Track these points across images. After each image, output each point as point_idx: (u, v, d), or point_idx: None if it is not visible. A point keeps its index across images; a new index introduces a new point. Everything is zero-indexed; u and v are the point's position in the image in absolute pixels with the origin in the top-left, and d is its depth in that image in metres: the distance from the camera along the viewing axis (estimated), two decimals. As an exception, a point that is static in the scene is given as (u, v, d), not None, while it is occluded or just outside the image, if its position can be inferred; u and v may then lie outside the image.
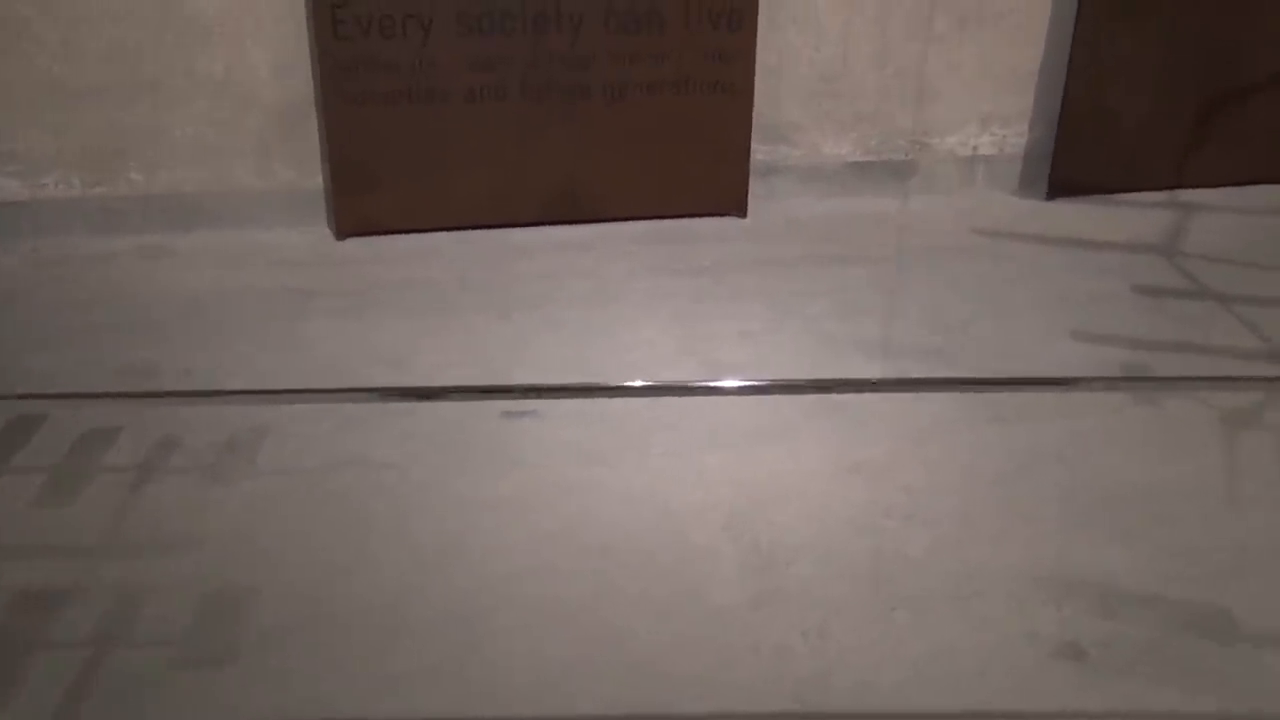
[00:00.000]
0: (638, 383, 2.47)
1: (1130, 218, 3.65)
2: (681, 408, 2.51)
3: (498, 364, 2.67)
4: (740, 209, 3.59)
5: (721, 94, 3.42)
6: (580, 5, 3.23)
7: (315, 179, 3.39)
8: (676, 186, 3.51)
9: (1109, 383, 2.34)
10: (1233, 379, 2.36)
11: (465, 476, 2.24)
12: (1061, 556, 2.02)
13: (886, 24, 3.57)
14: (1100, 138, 3.74)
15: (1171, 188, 3.85)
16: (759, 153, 3.67)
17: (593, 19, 3.26)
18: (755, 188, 3.70)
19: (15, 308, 2.96)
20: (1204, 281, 3.18)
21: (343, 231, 3.37)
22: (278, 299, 3.00)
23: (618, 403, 2.51)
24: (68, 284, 3.09)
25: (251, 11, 3.18)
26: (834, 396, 2.53)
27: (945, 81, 3.69)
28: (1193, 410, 2.49)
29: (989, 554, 2.03)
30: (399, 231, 3.39)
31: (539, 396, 2.30)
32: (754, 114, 3.59)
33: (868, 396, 2.53)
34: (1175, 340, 2.83)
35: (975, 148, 3.82)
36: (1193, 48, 3.67)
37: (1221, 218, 3.66)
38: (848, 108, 3.67)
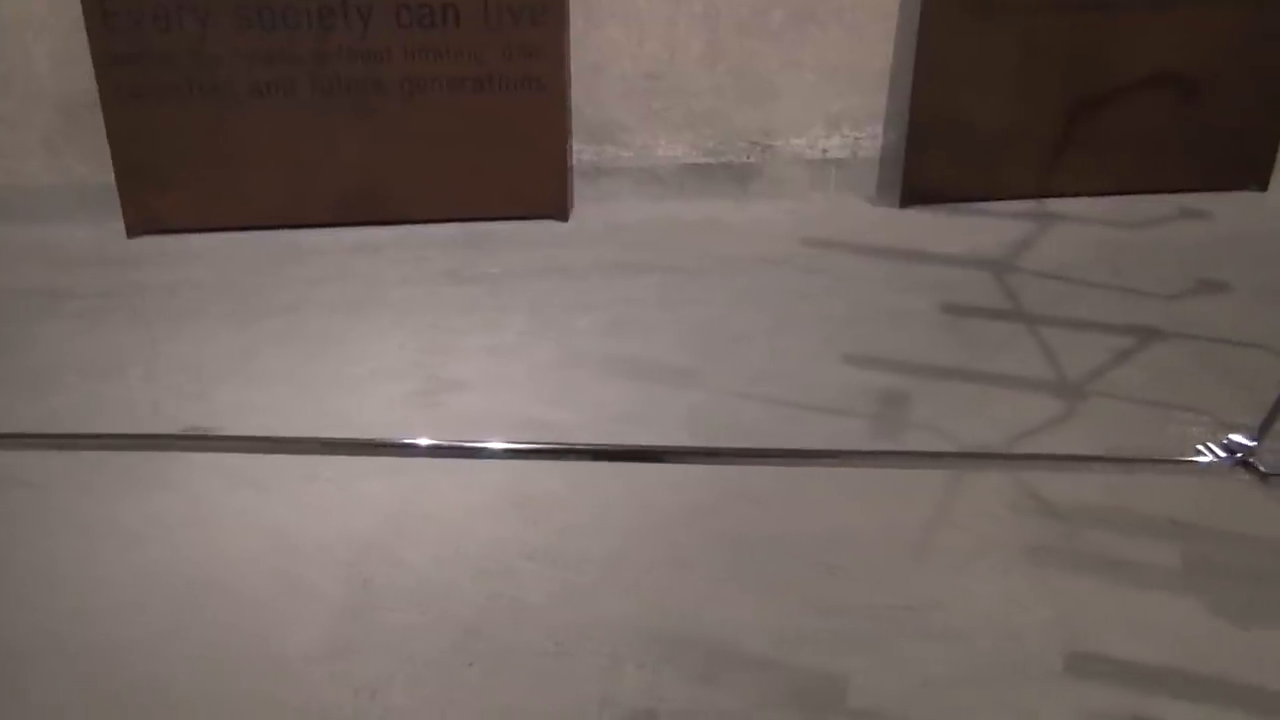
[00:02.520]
0: (305, 436, 2.26)
1: (981, 229, 3.40)
2: (381, 429, 2.35)
3: (198, 382, 2.52)
4: (560, 212, 3.40)
5: (530, 91, 3.24)
6: (368, -2, 3.08)
7: (108, 174, 3.28)
8: (489, 188, 3.34)
9: (792, 457, 2.07)
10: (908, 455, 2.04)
11: (106, 502, 2.10)
12: (690, 611, 1.83)
13: (716, 19, 3.36)
14: (956, 143, 3.49)
15: (1036, 197, 3.59)
16: (585, 153, 3.49)
17: (382, 12, 3.10)
18: (584, 190, 3.52)
19: None
20: (1024, 301, 2.93)
21: (132, 230, 3.26)
22: (30, 299, 2.89)
23: (301, 421, 2.35)
24: None
25: (26, 5, 3.08)
26: (540, 416, 2.35)
27: (785, 80, 3.47)
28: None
29: (612, 605, 1.84)
30: (191, 230, 3.27)
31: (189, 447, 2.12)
32: (574, 113, 3.41)
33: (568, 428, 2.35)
34: (953, 366, 2.60)
35: (824, 150, 3.59)
36: (1054, 52, 3.40)
37: (1078, 230, 3.39)
38: (679, 107, 3.47)
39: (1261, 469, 1.19)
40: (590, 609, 1.83)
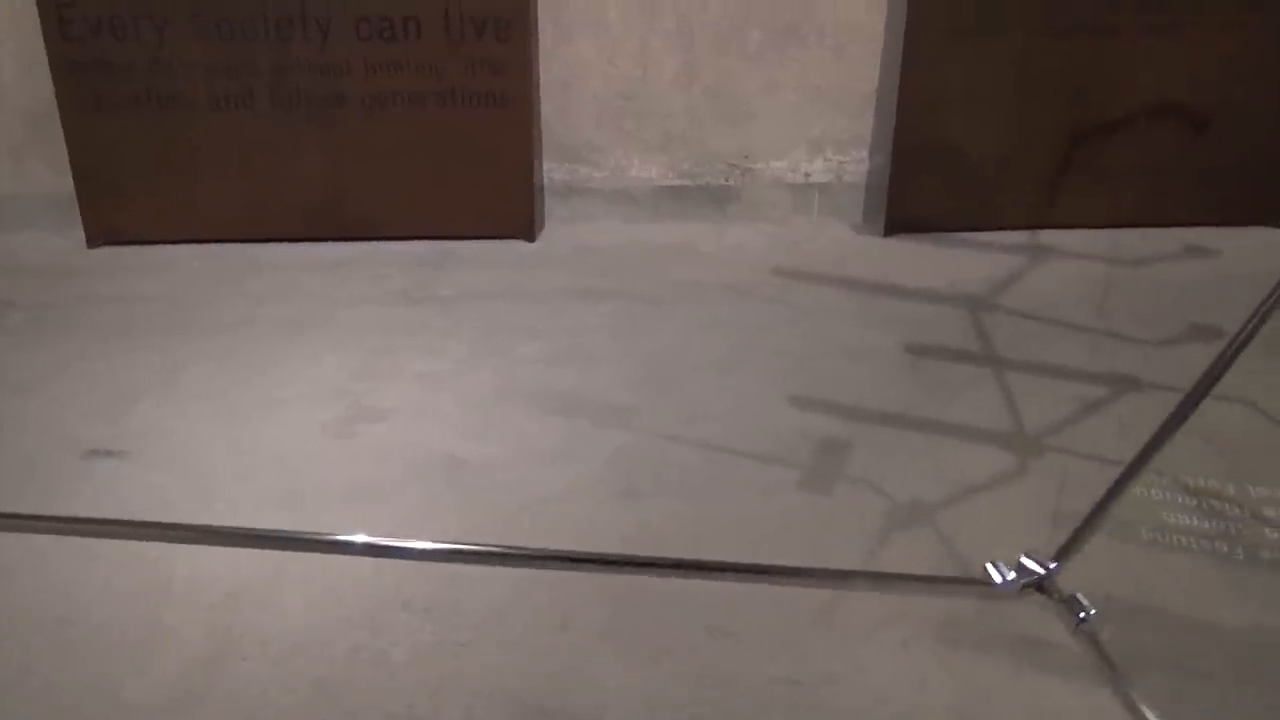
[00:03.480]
0: (230, 528, 2.14)
1: (967, 261, 3.24)
2: (289, 459, 2.26)
3: (119, 402, 2.45)
4: (526, 232, 3.31)
5: (494, 107, 3.15)
6: (327, 10, 3.01)
7: (70, 183, 3.26)
8: (454, 206, 3.26)
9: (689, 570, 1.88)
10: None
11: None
12: (561, 673, 1.70)
13: (691, 38, 3.24)
14: (944, 171, 3.33)
15: (1030, 228, 3.41)
16: (556, 172, 3.39)
17: (341, 25, 3.03)
18: (557, 209, 3.43)
19: None
20: (996, 342, 2.76)
21: (92, 240, 3.22)
22: (-22, 309, 2.87)
23: (210, 448, 2.28)
24: None
25: (-12, 9, 3.07)
26: (456, 452, 2.25)
27: (763, 102, 3.34)
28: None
29: (480, 663, 1.72)
30: (151, 242, 3.23)
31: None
32: (545, 131, 3.31)
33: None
34: (904, 412, 2.44)
35: (807, 175, 3.45)
36: (1052, 77, 3.24)
37: (1070, 265, 3.21)
38: (654, 127, 3.35)
39: (1060, 593, 1.03)
40: (453, 669, 1.72)
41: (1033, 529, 2.02)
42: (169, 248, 3.22)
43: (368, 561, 1.95)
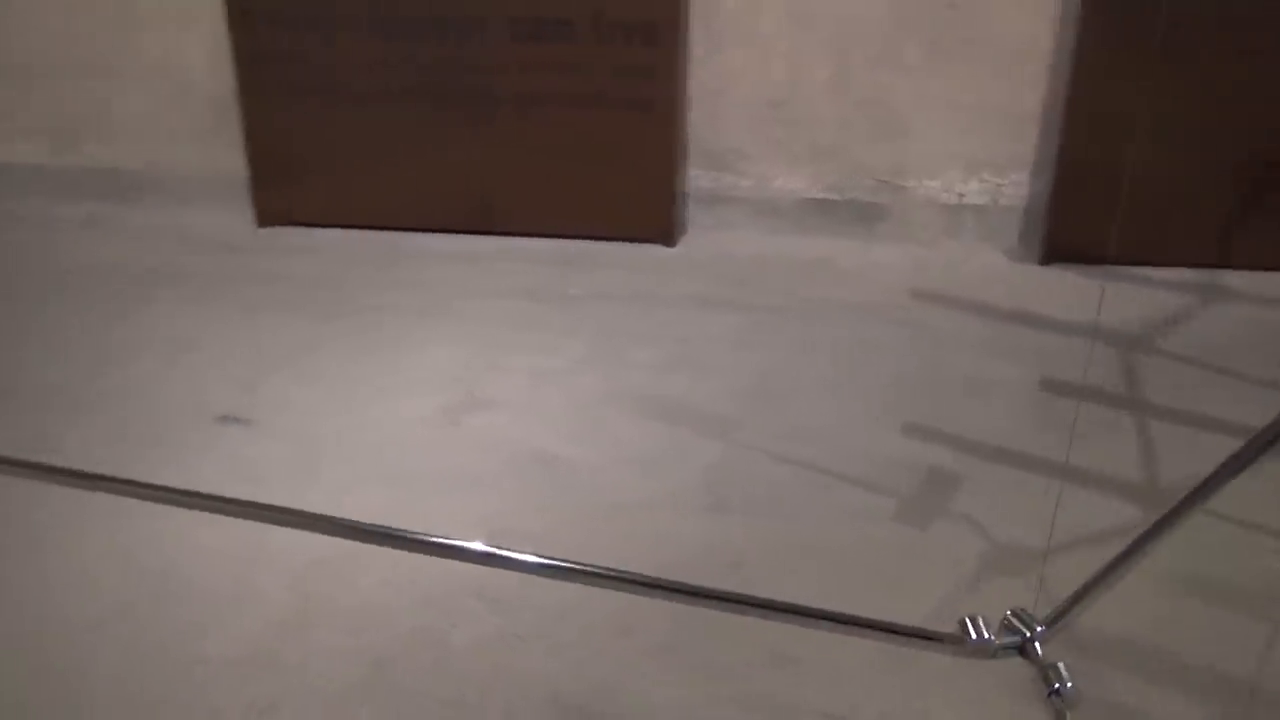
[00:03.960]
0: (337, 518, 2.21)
1: (1128, 297, 3.02)
2: (395, 441, 2.34)
3: (253, 372, 2.59)
4: (665, 237, 3.31)
5: (639, 112, 3.16)
6: (483, 10, 3.10)
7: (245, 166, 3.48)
8: (596, 207, 3.29)
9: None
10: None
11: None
12: (609, 683, 1.69)
13: (845, 48, 3.16)
14: (1112, 198, 3.11)
15: (1208, 266, 3.16)
16: (702, 179, 3.38)
17: (496, 25, 3.12)
18: (700, 217, 3.41)
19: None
20: (1145, 385, 2.57)
21: (262, 220, 3.43)
22: (153, 276, 3.10)
23: (323, 424, 2.38)
24: (6, 243, 3.35)
25: (183, 4, 3.30)
26: (551, 450, 2.27)
27: (919, 117, 3.22)
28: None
29: (533, 662, 1.73)
30: (314, 225, 3.41)
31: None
32: (693, 137, 3.31)
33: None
34: (1025, 452, 2.30)
35: (961, 195, 3.30)
36: (1240, 103, 2.98)
37: (1246, 309, 2.95)
38: (802, 138, 3.29)
39: (1039, 659, 0.93)
40: (508, 661, 1.73)
41: (1150, 592, 1.87)
42: (329, 231, 3.39)
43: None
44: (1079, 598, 1.05)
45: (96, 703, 1.65)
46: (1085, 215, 3.14)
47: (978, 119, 3.20)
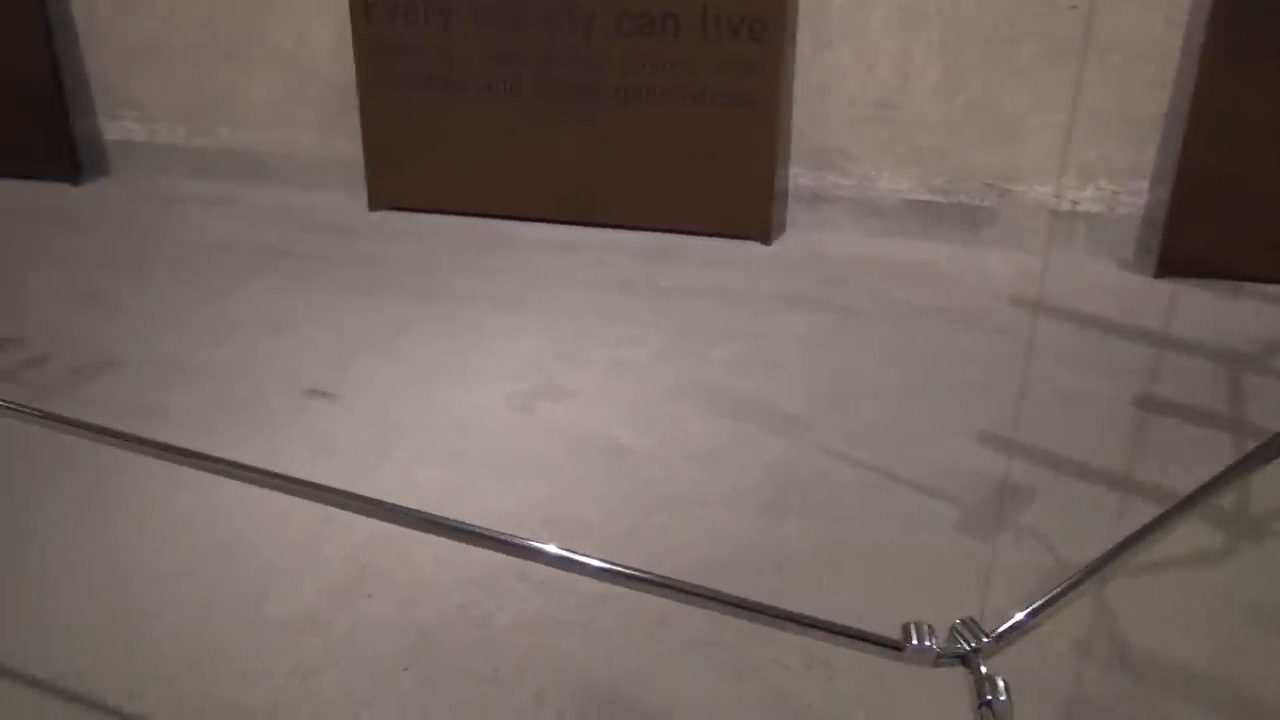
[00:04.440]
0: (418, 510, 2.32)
1: (1244, 315, 2.86)
2: (469, 424, 2.40)
3: (343, 350, 2.70)
4: (762, 234, 3.29)
5: (742, 108, 3.15)
6: (593, 4, 3.14)
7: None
8: (695, 202, 3.30)
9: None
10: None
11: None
12: (640, 673, 1.70)
13: (956, 48, 3.07)
14: (1234, 211, 2.95)
15: (1343, 287, 2.95)
16: (803, 178, 3.34)
17: (605, 19, 3.15)
18: (800, 215, 3.38)
19: (86, 226, 3.49)
20: (1250, 408, 2.42)
21: (373, 205, 3.56)
22: (263, 254, 3.26)
23: (403, 403, 2.46)
24: (138, 217, 3.57)
25: (311, -7, 3.46)
26: (619, 439, 2.29)
27: (1032, 120, 3.11)
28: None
29: (569, 645, 1.75)
30: (422, 211, 3.52)
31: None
32: (796, 136, 3.28)
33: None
34: (1108, 469, 2.20)
35: (1074, 203, 3.18)
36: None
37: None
38: (907, 139, 3.21)
39: (978, 668, 0.87)
40: (545, 643, 1.76)
41: (1212, 619, 1.78)
42: (435, 217, 3.50)
43: (508, 525, 2.04)
44: (1037, 611, 1.00)
45: (153, 653, 1.76)
46: (1205, 227, 2.98)
47: (1095, 124, 3.06)
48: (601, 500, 2.13)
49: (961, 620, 0.93)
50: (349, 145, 3.61)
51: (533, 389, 2.53)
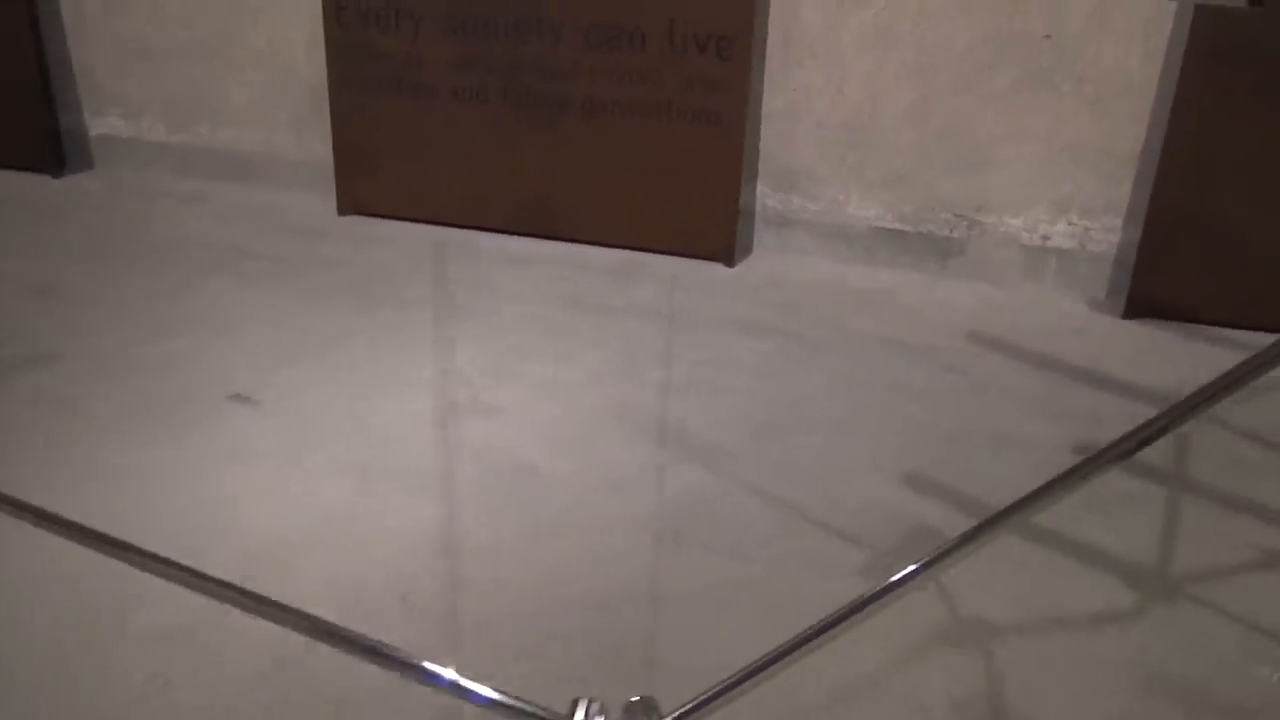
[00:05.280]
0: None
1: (1211, 362, 2.75)
2: (386, 437, 2.37)
3: (279, 355, 2.68)
4: (726, 256, 3.23)
5: (707, 126, 3.10)
6: (561, 14, 3.10)
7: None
8: (658, 220, 3.25)
9: None
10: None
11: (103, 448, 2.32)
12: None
13: (929, 71, 3.00)
14: (1208, 252, 2.85)
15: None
16: (770, 199, 3.28)
17: (573, 30, 3.12)
18: (767, 237, 3.32)
19: (59, 218, 3.51)
20: (1192, 462, 2.32)
21: (342, 208, 3.55)
22: (225, 253, 3.25)
23: (325, 415, 2.43)
24: (112, 211, 3.59)
25: (289, -4, 3.46)
26: (534, 462, 2.24)
27: (1005, 150, 3.02)
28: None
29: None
30: (388, 217, 3.51)
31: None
32: (763, 156, 3.22)
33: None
34: (1029, 518, 2.11)
35: (1046, 237, 3.08)
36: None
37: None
38: (877, 163, 3.14)
39: None
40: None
41: (1108, 686, 1.69)
42: (401, 224, 3.48)
43: (377, 547, 2.00)
44: (725, 690, 0.94)
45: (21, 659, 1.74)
46: (1177, 269, 2.88)
47: (1069, 157, 2.97)
48: (500, 523, 2.09)
49: (638, 699, 0.88)
50: (324, 147, 3.61)
51: (459, 403, 2.49)
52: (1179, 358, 2.77)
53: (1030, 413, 2.50)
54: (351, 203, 3.53)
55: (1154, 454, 2.35)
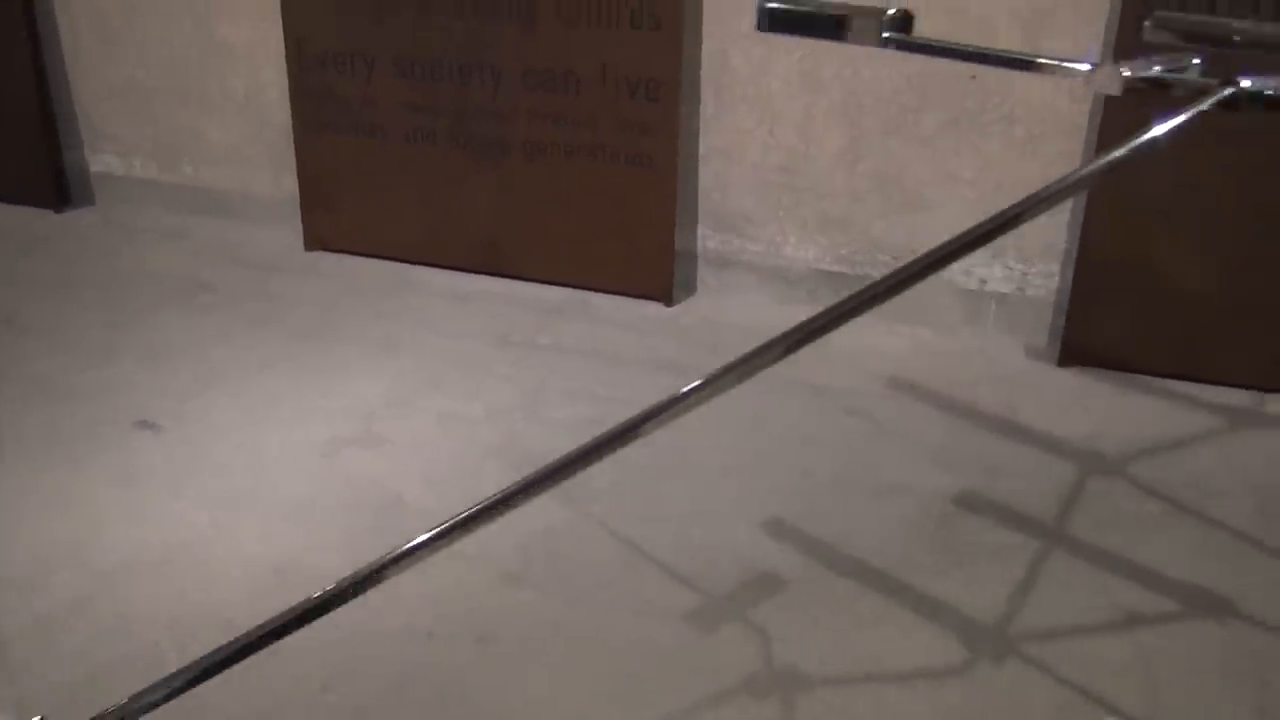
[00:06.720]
0: None
1: (1141, 412, 2.66)
2: (271, 466, 2.43)
3: (199, 384, 2.77)
4: (665, 296, 3.23)
5: (641, 168, 3.12)
6: (501, 58, 3.17)
7: (308, 193, 3.72)
8: (599, 260, 3.27)
9: None
10: None
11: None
12: None
13: (857, 114, 2.97)
14: (1143, 300, 2.75)
15: (1256, 389, 2.70)
16: (711, 240, 3.28)
17: (511, 74, 3.18)
18: (710, 278, 3.32)
19: (46, 252, 3.69)
20: (1079, 516, 2.23)
21: (308, 244, 3.66)
22: (183, 286, 3.37)
23: (233, 440, 2.50)
24: (98, 246, 3.76)
25: (264, 41, 3.59)
26: (407, 496, 2.27)
27: (937, 193, 2.97)
28: None
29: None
30: (350, 253, 3.60)
31: None
32: (702, 197, 3.22)
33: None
34: (882, 569, 2.06)
35: (984, 281, 3.01)
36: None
37: (1274, 443, 2.50)
38: (812, 206, 3.12)
39: None
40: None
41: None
42: (362, 260, 3.57)
43: (222, 573, 2.05)
44: None
45: None
46: (1108, 316, 2.78)
47: (1001, 199, 2.90)
48: (350, 554, 2.10)
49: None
50: (294, 184, 3.73)
51: (351, 435, 2.54)
52: (1101, 408, 2.67)
53: (923, 462, 2.44)
54: (317, 239, 3.64)
55: (1043, 506, 2.27)
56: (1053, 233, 2.90)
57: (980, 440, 2.55)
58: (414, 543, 1.22)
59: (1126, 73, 1.13)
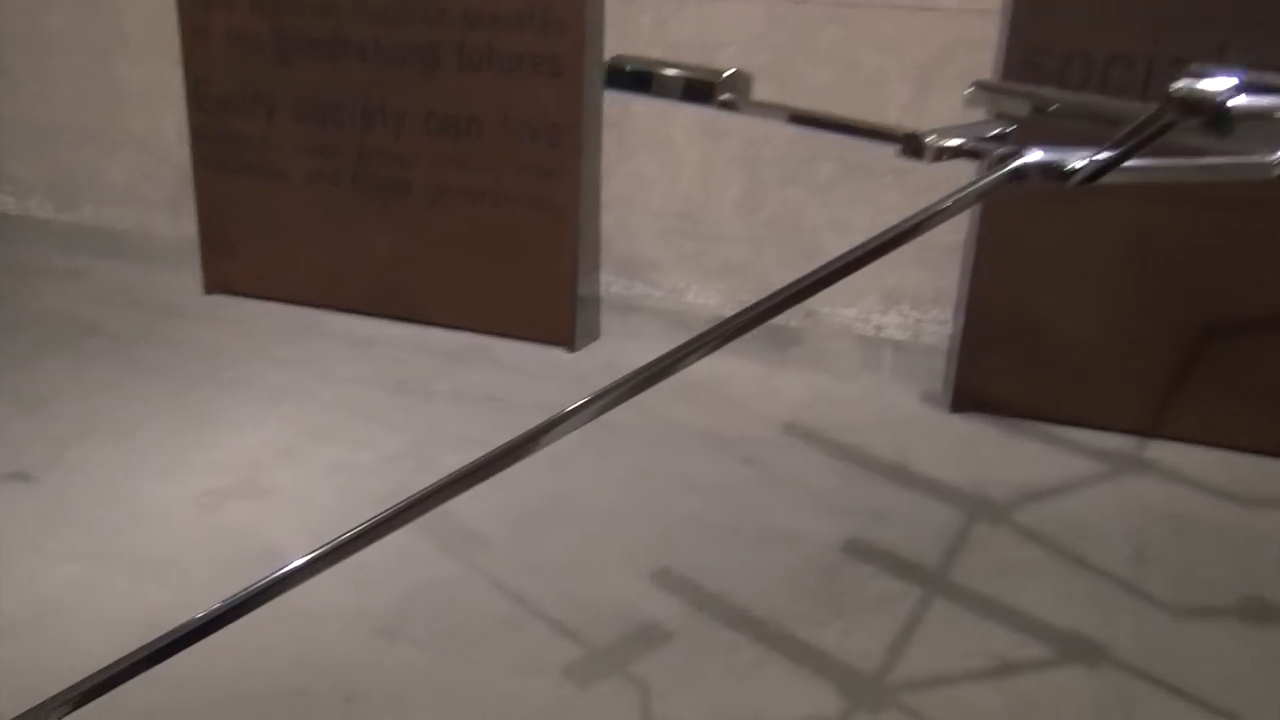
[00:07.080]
0: None
1: (1027, 457, 2.69)
2: (145, 518, 2.36)
3: (78, 431, 2.69)
4: (567, 341, 3.22)
5: (541, 213, 3.12)
6: (403, 102, 3.16)
7: (208, 235, 3.66)
8: (501, 305, 3.25)
9: None
10: None
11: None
12: None
13: (755, 163, 3.01)
14: (1030, 348, 2.80)
15: (1138, 433, 2.76)
16: (615, 286, 3.28)
17: (414, 118, 3.17)
18: (613, 324, 3.32)
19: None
20: (964, 562, 2.25)
21: (209, 287, 3.60)
22: (77, 331, 3.28)
23: (108, 491, 2.43)
24: (-9, 287, 3.67)
25: (160, 82, 3.55)
26: (281, 546, 2.22)
27: (832, 240, 3.00)
28: None
29: None
30: (251, 296, 3.54)
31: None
32: (605, 243, 3.23)
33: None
34: (764, 618, 2.05)
35: (879, 328, 3.05)
36: (1178, 256, 2.63)
37: (1156, 488, 2.57)
38: (714, 253, 3.14)
39: None
40: None
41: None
42: (262, 303, 3.51)
43: (84, 633, 1.98)
44: None
45: None
46: (998, 362, 2.83)
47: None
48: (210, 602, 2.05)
49: None
50: (194, 226, 3.67)
51: (232, 486, 2.48)
52: (989, 455, 2.71)
53: (813, 509, 2.45)
54: (217, 282, 3.58)
55: (928, 553, 2.29)
56: (944, 281, 2.95)
57: (871, 487, 2.56)
58: (270, 578, 1.16)
59: (936, 143, 1.16)
